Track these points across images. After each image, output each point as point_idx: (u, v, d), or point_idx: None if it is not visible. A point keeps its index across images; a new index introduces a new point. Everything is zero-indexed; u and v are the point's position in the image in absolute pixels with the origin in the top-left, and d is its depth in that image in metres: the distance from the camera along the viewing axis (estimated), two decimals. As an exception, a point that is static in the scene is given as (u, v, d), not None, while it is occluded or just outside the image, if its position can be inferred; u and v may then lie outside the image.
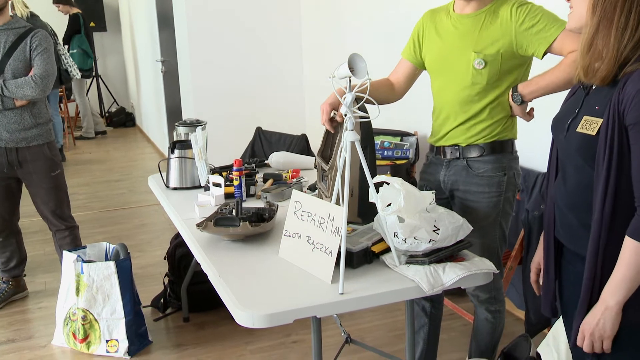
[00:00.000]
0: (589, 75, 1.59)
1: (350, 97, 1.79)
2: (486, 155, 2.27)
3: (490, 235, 2.33)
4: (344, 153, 1.82)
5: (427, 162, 2.48)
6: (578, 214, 1.67)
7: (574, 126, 1.64)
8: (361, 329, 3.39)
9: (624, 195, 1.53)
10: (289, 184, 2.85)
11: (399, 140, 4.11)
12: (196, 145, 2.83)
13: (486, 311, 2.50)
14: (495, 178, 2.27)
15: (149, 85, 8.54)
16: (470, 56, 2.18)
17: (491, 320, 2.51)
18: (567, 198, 1.70)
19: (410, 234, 1.83)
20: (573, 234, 1.71)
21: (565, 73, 2.07)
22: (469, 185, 2.31)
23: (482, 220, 2.30)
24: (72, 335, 3.20)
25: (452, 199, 2.39)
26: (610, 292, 1.55)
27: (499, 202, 2.29)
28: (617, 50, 1.52)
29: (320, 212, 1.86)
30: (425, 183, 2.45)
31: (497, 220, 2.32)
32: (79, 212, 5.56)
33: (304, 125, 5.99)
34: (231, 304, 1.73)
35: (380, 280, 1.83)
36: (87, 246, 3.31)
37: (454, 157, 2.32)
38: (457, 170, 2.32)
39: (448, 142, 2.33)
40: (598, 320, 1.58)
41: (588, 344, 1.62)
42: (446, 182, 2.37)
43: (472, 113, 2.24)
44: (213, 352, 3.21)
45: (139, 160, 7.94)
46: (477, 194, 2.29)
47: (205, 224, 2.18)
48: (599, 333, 1.59)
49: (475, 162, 2.28)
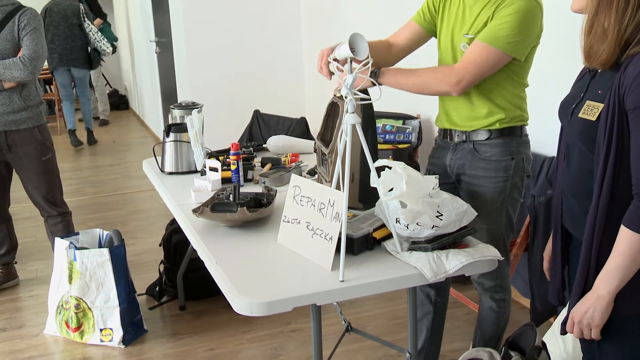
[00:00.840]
0: (591, 58, 1.58)
1: (351, 79, 1.79)
2: (493, 139, 2.26)
3: (496, 221, 2.34)
4: (344, 136, 1.82)
5: (435, 146, 2.48)
6: (580, 201, 1.68)
7: (577, 111, 1.64)
8: (362, 317, 3.40)
9: (623, 182, 1.53)
10: (287, 168, 2.85)
11: (401, 123, 4.11)
12: (192, 129, 2.83)
13: (491, 300, 2.51)
14: (503, 162, 2.27)
15: (143, 67, 8.52)
16: (462, 39, 2.19)
17: (496, 309, 2.52)
18: (570, 184, 1.71)
19: (413, 220, 1.83)
20: (576, 220, 1.72)
21: (421, 78, 2.15)
22: (475, 170, 2.30)
23: (488, 205, 2.30)
24: (65, 324, 3.22)
25: (459, 183, 2.39)
26: (603, 281, 1.56)
27: (506, 188, 2.29)
28: (618, 32, 1.51)
29: (320, 197, 1.86)
30: (433, 168, 2.45)
31: (503, 206, 2.32)
32: (71, 197, 5.56)
33: (303, 108, 5.99)
34: (228, 291, 1.74)
35: (382, 267, 1.83)
36: (80, 233, 3.32)
37: (461, 140, 2.31)
38: (463, 154, 2.32)
39: (454, 126, 2.33)
40: (588, 309, 1.59)
41: (577, 331, 1.64)
42: (452, 166, 2.37)
43: (471, 97, 2.23)
44: (210, 341, 3.23)
45: (133, 144, 7.93)
46: (483, 178, 2.29)
47: (201, 209, 2.18)
48: (587, 321, 1.60)
49: (482, 146, 2.28)
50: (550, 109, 2.08)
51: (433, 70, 2.18)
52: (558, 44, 2.94)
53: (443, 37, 2.29)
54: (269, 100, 5.68)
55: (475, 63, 2.10)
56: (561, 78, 2.16)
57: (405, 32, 2.39)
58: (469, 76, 2.11)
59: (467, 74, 2.11)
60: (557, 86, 2.33)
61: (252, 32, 5.79)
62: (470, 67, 2.10)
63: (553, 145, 1.92)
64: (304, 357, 3.04)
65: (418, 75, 2.17)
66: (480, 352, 2.23)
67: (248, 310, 1.68)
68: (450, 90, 2.14)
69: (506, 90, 2.22)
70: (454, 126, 2.32)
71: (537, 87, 2.48)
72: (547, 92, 2.81)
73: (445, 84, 2.13)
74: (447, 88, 2.14)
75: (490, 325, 2.55)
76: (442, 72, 2.16)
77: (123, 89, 11.02)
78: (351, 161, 1.86)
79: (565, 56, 2.91)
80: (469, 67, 2.10)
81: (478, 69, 2.10)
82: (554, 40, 2.85)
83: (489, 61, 2.10)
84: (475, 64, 2.10)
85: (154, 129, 8.23)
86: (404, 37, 2.38)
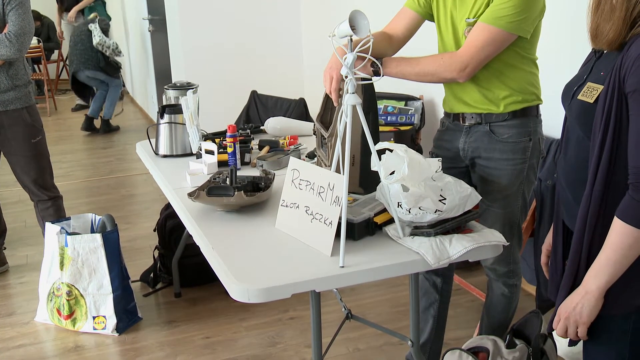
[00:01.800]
0: (597, 38, 1.54)
1: (351, 57, 1.78)
2: (510, 120, 2.25)
3: (513, 205, 2.33)
4: (344, 118, 1.82)
5: (442, 128, 2.46)
6: (574, 191, 1.63)
7: (577, 93, 1.60)
8: (363, 304, 3.42)
9: (619, 170, 1.49)
10: (286, 151, 2.85)
11: (404, 104, 4.10)
12: (187, 110, 2.83)
13: (504, 285, 2.50)
14: (521, 144, 2.26)
15: (136, 46, 8.49)
16: (464, 25, 2.19)
17: (508, 295, 2.52)
18: (566, 174, 1.67)
19: (415, 204, 1.84)
20: (570, 212, 1.68)
21: (425, 67, 2.16)
22: (491, 152, 2.30)
23: (504, 189, 2.30)
24: (57, 311, 3.23)
25: (473, 167, 2.38)
26: (593, 276, 1.52)
27: (523, 170, 2.29)
28: (627, 9, 1.46)
29: (320, 181, 1.87)
30: (441, 152, 2.43)
31: (520, 189, 2.31)
32: (62, 181, 5.57)
33: (302, 89, 5.98)
34: (225, 278, 1.75)
35: (383, 252, 1.84)
36: (72, 217, 3.33)
37: (475, 122, 2.30)
38: (478, 137, 2.31)
39: (465, 109, 2.32)
40: (576, 305, 1.55)
41: (562, 328, 1.60)
42: (466, 150, 2.35)
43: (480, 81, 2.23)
44: (206, 329, 3.24)
45: (127, 126, 7.93)
46: (501, 161, 2.29)
47: (197, 193, 2.18)
48: (574, 318, 1.56)
49: (499, 127, 2.27)
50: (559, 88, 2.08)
51: (437, 58, 2.18)
52: (569, 20, 2.93)
53: (443, 23, 2.28)
54: (267, 80, 5.67)
55: (479, 46, 2.10)
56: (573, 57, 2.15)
57: (402, 22, 2.38)
58: (474, 61, 2.12)
59: (472, 59, 2.11)
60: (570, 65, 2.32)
61: (249, 10, 5.77)
62: (474, 52, 2.11)
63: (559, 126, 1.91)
64: (303, 345, 3.06)
65: (422, 64, 2.17)
66: (484, 340, 2.24)
67: (245, 297, 1.68)
68: (457, 77, 2.15)
69: (517, 68, 2.21)
70: (465, 110, 2.31)
71: (546, 67, 2.47)
72: (557, 71, 2.81)
73: (451, 71, 2.14)
74: (453, 75, 2.15)
75: (501, 312, 2.55)
76: (446, 59, 2.16)
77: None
78: (351, 144, 1.86)
79: (577, 33, 2.90)
80: (473, 51, 2.11)
81: (483, 52, 2.11)
82: (564, 17, 2.84)
83: (494, 42, 2.10)
84: (479, 47, 2.10)
85: (148, 110, 8.22)
86: (402, 26, 2.37)
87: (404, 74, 2.20)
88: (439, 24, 2.31)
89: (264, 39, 5.86)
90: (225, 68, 5.80)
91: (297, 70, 6.05)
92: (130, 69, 9.42)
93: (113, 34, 10.67)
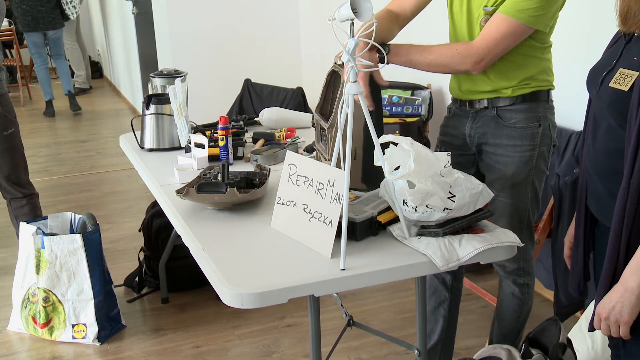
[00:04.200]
0: (628, 21, 1.56)
1: (353, 43, 1.80)
2: (518, 104, 2.29)
3: (521, 195, 2.36)
4: (345, 108, 1.83)
5: (449, 115, 2.50)
6: (606, 182, 1.67)
7: (608, 80, 1.62)
8: (365, 310, 3.44)
9: None
10: (282, 144, 2.87)
11: (410, 94, 4.12)
12: (175, 100, 2.84)
13: (513, 284, 2.52)
14: (529, 130, 2.29)
15: (118, 30, 8.49)
16: (482, 13, 2.21)
17: (518, 295, 2.53)
18: (595, 163, 1.70)
19: (422, 202, 1.85)
20: (601, 204, 1.71)
21: (437, 57, 2.19)
22: (498, 138, 2.33)
23: (512, 177, 2.33)
24: (32, 319, 3.24)
25: (480, 154, 2.41)
26: (632, 272, 1.55)
27: (532, 157, 2.32)
28: None
29: (319, 177, 1.88)
30: (447, 139, 2.48)
31: (529, 178, 2.34)
32: (38, 177, 5.58)
33: (299, 77, 5.98)
34: (217, 281, 1.76)
35: (387, 254, 1.85)
36: (49, 217, 3.34)
37: (482, 106, 2.34)
38: (485, 122, 2.35)
39: (473, 95, 2.35)
40: (615, 303, 1.58)
41: (605, 328, 1.64)
42: (472, 136, 2.39)
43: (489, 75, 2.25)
44: (196, 337, 3.26)
45: (108, 118, 7.94)
46: (508, 147, 2.32)
47: (186, 190, 2.20)
48: (614, 317, 1.59)
49: (506, 112, 2.30)
50: (578, 77, 2.09)
51: (451, 49, 2.21)
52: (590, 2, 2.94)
53: (457, 7, 2.31)
54: (262, 68, 5.68)
55: (498, 39, 2.13)
56: (592, 42, 2.17)
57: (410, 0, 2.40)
58: (491, 54, 2.15)
59: (490, 51, 2.15)
60: (588, 51, 2.34)
61: (241, -10, 5.77)
62: (492, 44, 2.14)
63: (581, 118, 1.93)
64: (301, 355, 3.08)
65: (434, 53, 2.20)
66: (497, 350, 2.25)
67: (238, 302, 1.70)
68: (471, 69, 2.19)
69: (530, 57, 2.25)
70: (473, 96, 2.35)
71: (564, 52, 2.49)
72: (575, 57, 2.82)
73: (466, 63, 2.17)
74: (468, 67, 2.18)
75: (511, 315, 2.57)
76: (461, 50, 2.18)
77: (96, 55, 10.97)
78: (353, 136, 1.87)
79: (597, 17, 2.92)
80: (491, 44, 2.14)
81: (500, 45, 2.14)
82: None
83: (513, 35, 2.13)
84: (497, 40, 2.13)
85: (132, 100, 8.23)
86: (410, 5, 2.38)
87: (413, 63, 2.22)
88: (451, 8, 2.33)
89: (258, 22, 5.86)
90: (217, 54, 5.80)
91: (295, 56, 6.05)
92: (111, 54, 9.42)
93: (92, 17, 10.69)
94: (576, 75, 2.48)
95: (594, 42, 2.15)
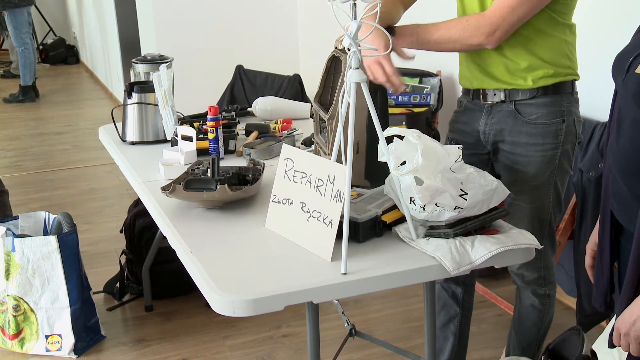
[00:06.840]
0: None
1: (355, 26, 1.80)
2: (539, 97, 2.26)
3: (543, 198, 2.34)
4: (347, 98, 1.84)
5: (459, 109, 2.48)
6: (629, 182, 1.65)
7: (635, 66, 1.61)
8: (369, 318, 3.44)
9: None
10: (278, 137, 2.88)
11: (418, 82, 4.12)
12: (160, 88, 2.84)
13: (533, 295, 2.51)
14: (552, 126, 2.27)
15: (95, 10, 8.49)
16: None
17: (539, 306, 2.53)
18: (618, 161, 1.69)
19: (431, 200, 1.85)
20: (624, 205, 1.70)
21: (447, 32, 2.18)
22: (517, 136, 2.31)
23: (532, 179, 2.31)
24: (0, 330, 3.24)
25: (495, 153, 2.39)
26: None
27: (555, 157, 2.30)
28: None
29: (318, 173, 1.88)
30: (458, 135, 2.45)
31: (551, 180, 2.33)
32: (7, 173, 5.58)
33: (296, 63, 5.98)
34: (206, 287, 1.76)
35: (393, 257, 1.86)
36: (20, 216, 3.34)
37: (498, 100, 2.32)
38: (501, 117, 2.32)
39: (486, 84, 2.34)
40: (637, 318, 1.58)
41: (625, 345, 1.63)
42: (487, 133, 2.37)
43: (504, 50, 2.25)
44: (183, 348, 3.27)
45: (86, 108, 7.94)
46: (528, 145, 2.30)
47: (172, 187, 2.20)
48: (635, 333, 1.59)
49: (526, 106, 2.28)
50: (604, 64, 2.08)
51: (460, 22, 2.19)
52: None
53: None
54: (255, 53, 5.68)
55: (512, 6, 2.10)
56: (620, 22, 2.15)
57: None
58: (506, 24, 2.12)
59: (504, 20, 2.12)
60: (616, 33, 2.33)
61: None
62: (506, 12, 2.12)
63: (607, 106, 1.91)
64: (298, 369, 3.09)
65: (442, 29, 2.19)
66: (514, 362, 2.26)
67: (230, 310, 1.70)
68: (484, 42, 2.16)
69: (548, 35, 2.22)
70: (486, 84, 2.33)
71: (588, 37, 2.48)
72: (602, 40, 2.82)
73: (478, 35, 2.15)
74: (481, 40, 2.16)
75: (531, 327, 2.56)
76: (472, 22, 2.16)
77: (72, 38, 10.96)
78: (356, 129, 1.88)
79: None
80: (505, 11, 2.12)
81: (516, 13, 2.11)
82: None
83: (529, 3, 2.11)
84: (512, 7, 2.10)
85: (112, 88, 8.23)
86: None
87: (420, 43, 2.21)
88: None
89: (252, 3, 5.86)
90: (206, 37, 5.80)
91: (291, 41, 6.05)
92: (88, 38, 9.41)
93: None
94: (601, 59, 2.46)
95: (623, 24, 2.13)
